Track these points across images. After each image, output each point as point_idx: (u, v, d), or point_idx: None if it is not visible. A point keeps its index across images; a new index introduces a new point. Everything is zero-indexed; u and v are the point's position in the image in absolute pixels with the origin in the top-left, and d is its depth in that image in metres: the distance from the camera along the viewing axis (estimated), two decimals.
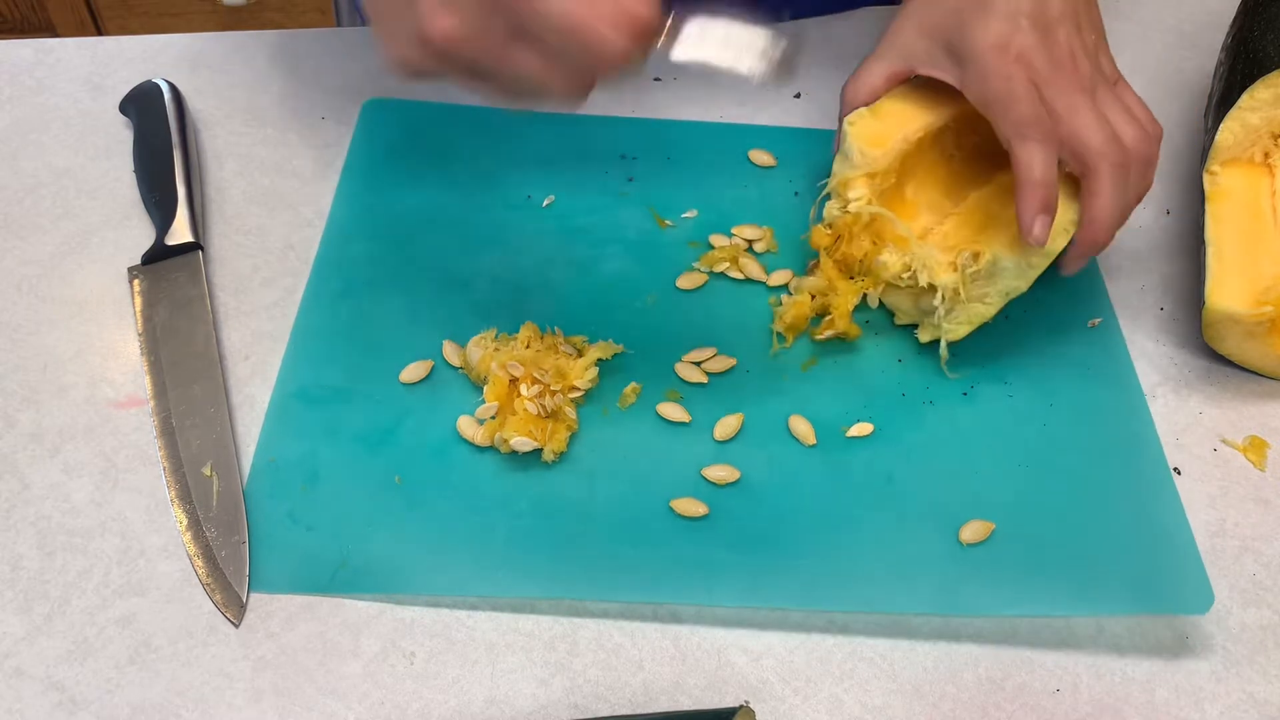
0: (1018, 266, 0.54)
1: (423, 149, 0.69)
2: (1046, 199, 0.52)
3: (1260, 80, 0.61)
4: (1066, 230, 0.54)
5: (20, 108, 0.71)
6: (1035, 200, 0.52)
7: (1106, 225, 0.54)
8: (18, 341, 0.60)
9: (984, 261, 0.55)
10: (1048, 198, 0.52)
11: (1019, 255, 0.54)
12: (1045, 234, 0.53)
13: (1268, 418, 0.58)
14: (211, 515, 0.53)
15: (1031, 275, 0.55)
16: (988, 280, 0.55)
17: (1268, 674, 0.50)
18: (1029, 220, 0.52)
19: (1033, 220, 0.52)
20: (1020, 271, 0.54)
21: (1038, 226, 0.52)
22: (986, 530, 0.52)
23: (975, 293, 0.56)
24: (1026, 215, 0.52)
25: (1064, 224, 0.54)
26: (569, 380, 0.56)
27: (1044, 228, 0.53)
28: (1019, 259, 0.54)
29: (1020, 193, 0.53)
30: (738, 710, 0.45)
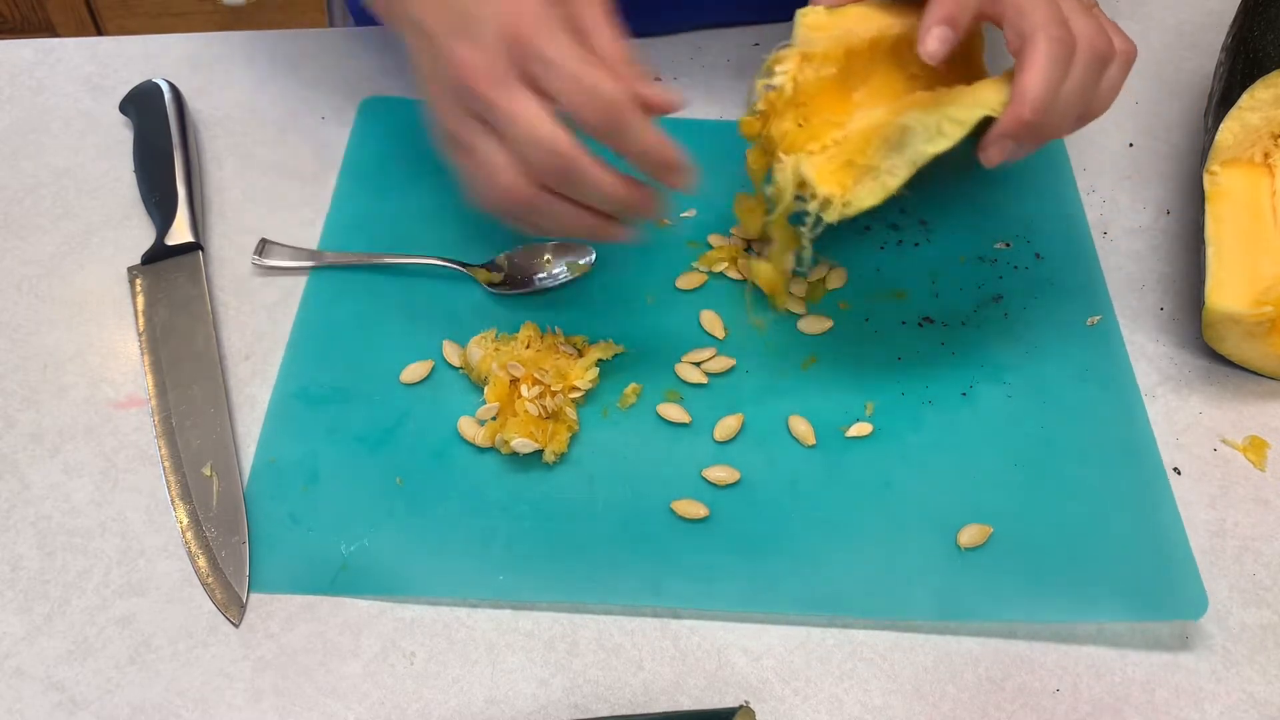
0: (925, 129, 0.50)
1: (422, 147, 0.69)
2: (951, 13, 0.49)
3: (1260, 80, 0.61)
4: (991, 106, 0.49)
5: (20, 108, 0.71)
6: (941, 9, 0.48)
7: (1035, 100, 0.48)
8: (18, 341, 0.60)
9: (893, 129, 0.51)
10: (953, 12, 0.49)
11: (929, 118, 0.50)
12: (941, 49, 0.49)
13: (1268, 418, 0.58)
14: (211, 515, 0.53)
15: (941, 142, 0.50)
16: (896, 150, 0.51)
17: (1268, 674, 0.50)
18: (926, 27, 0.49)
19: (929, 28, 0.49)
20: (928, 136, 0.50)
21: (933, 36, 0.49)
22: (984, 534, 0.52)
23: (884, 165, 0.51)
24: (926, 23, 0.49)
25: (990, 100, 0.49)
26: (569, 381, 0.56)
27: (939, 41, 0.49)
28: (928, 122, 0.50)
29: (930, 2, 0.49)
30: (738, 710, 0.45)
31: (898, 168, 0.51)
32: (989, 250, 0.65)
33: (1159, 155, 0.71)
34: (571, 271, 0.61)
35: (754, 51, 0.75)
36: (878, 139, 0.52)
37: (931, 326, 0.61)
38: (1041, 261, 0.64)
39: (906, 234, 0.65)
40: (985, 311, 0.62)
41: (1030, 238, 0.65)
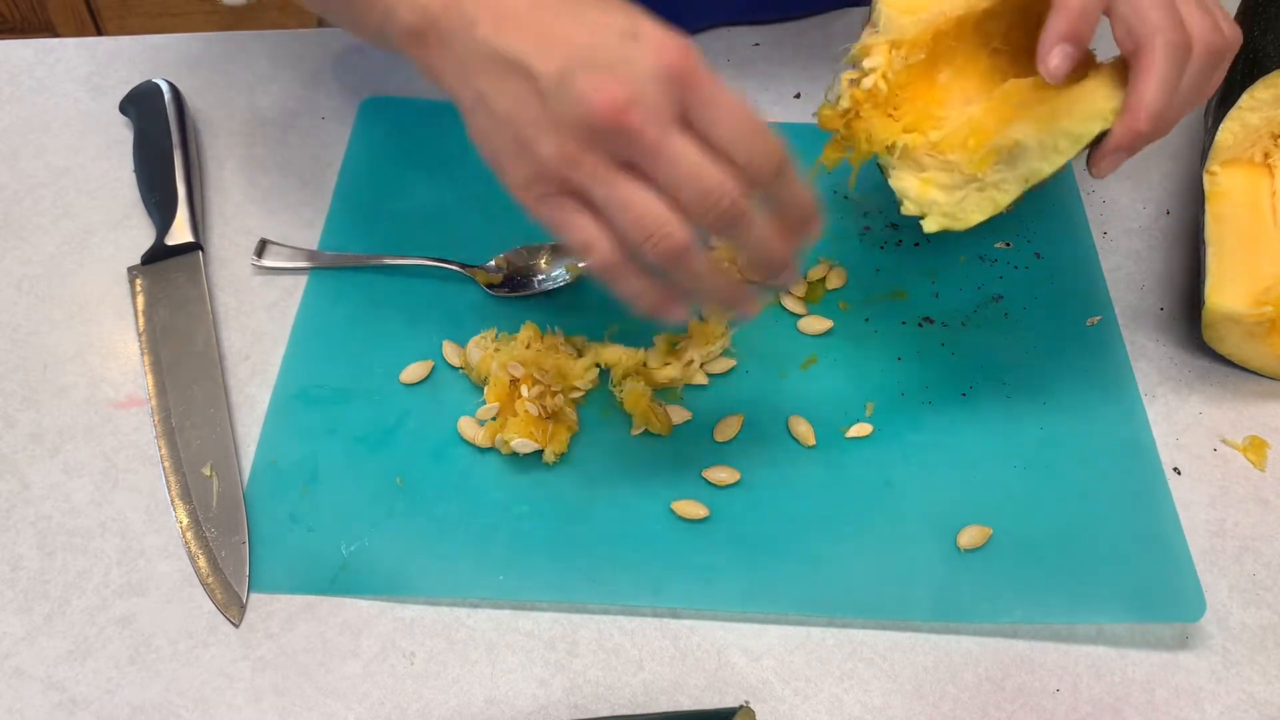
0: (1041, 147, 0.48)
1: (421, 147, 0.69)
2: (1076, 28, 0.45)
3: (1260, 80, 0.61)
4: (1105, 118, 0.47)
5: (20, 108, 0.71)
6: (1064, 24, 0.45)
7: (1151, 113, 0.46)
8: (18, 341, 0.60)
9: (1006, 141, 0.49)
10: (1078, 27, 0.45)
11: (1043, 135, 0.48)
12: (1065, 65, 0.46)
13: (1268, 418, 0.58)
14: (212, 515, 0.53)
15: (1056, 160, 0.48)
16: (1007, 164, 0.50)
17: (1268, 674, 0.50)
18: (1049, 45, 0.46)
19: (1053, 46, 0.45)
20: (1043, 153, 0.48)
21: (1056, 55, 0.46)
22: (984, 536, 0.52)
23: (992, 178, 0.50)
24: (1048, 39, 0.45)
25: (1103, 110, 0.47)
26: (569, 381, 0.56)
27: (1063, 59, 0.46)
28: (1044, 139, 0.48)
29: (1052, 14, 0.46)
30: (738, 710, 0.45)
31: (1008, 184, 0.50)
32: (989, 250, 0.65)
33: (1159, 155, 0.70)
34: (570, 273, 0.61)
35: (754, 51, 0.75)
36: (986, 150, 0.50)
37: (931, 326, 0.61)
38: (1041, 261, 0.64)
39: (906, 234, 0.65)
40: (985, 311, 0.62)
41: (1030, 238, 0.65)
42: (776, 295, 0.61)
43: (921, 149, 0.52)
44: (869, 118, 0.53)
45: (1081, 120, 0.48)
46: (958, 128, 0.52)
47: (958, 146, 0.51)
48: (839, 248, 0.64)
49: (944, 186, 0.52)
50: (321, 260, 0.63)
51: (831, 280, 0.63)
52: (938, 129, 0.52)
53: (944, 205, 0.52)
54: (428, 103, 0.71)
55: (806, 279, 0.63)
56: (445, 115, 0.70)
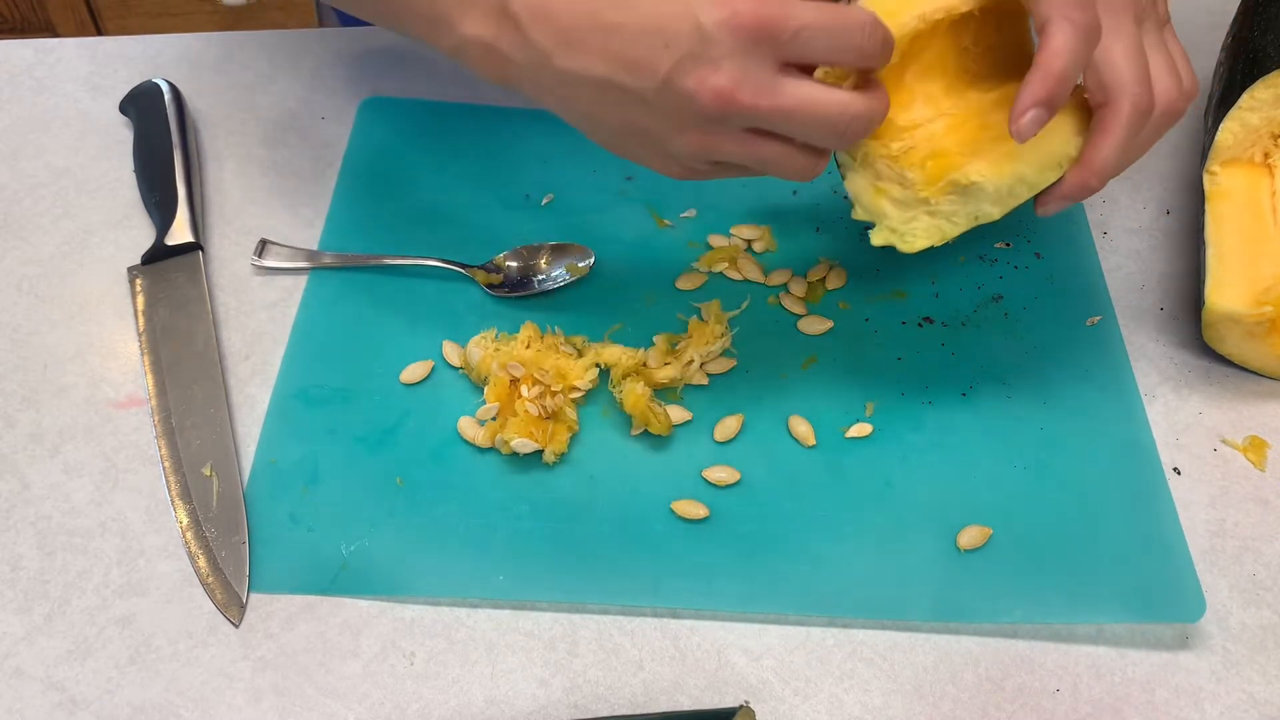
0: (997, 192, 0.49)
1: (421, 147, 0.69)
2: (1054, 95, 0.45)
3: (1260, 80, 0.61)
4: (1060, 165, 0.49)
5: (20, 108, 0.71)
6: (1043, 89, 0.45)
7: (1103, 171, 0.48)
8: (18, 341, 0.60)
9: (964, 178, 0.49)
10: (1056, 94, 0.45)
11: (1001, 180, 0.49)
12: (1033, 130, 0.46)
13: (1268, 418, 0.58)
14: (212, 515, 0.53)
15: (1009, 204, 0.50)
16: (961, 198, 0.50)
17: (1268, 674, 0.50)
18: (1023, 107, 0.46)
19: (1027, 108, 0.46)
20: (998, 198, 0.49)
21: (1027, 119, 0.46)
22: (984, 536, 0.52)
23: (944, 208, 0.50)
24: (1024, 101, 0.46)
25: (1059, 158, 0.49)
26: (569, 381, 0.56)
27: (1034, 123, 0.46)
28: (999, 184, 0.49)
29: (1031, 76, 0.46)
30: (738, 710, 0.45)
31: (958, 218, 0.50)
32: (989, 250, 0.65)
33: (1159, 155, 0.70)
34: (570, 273, 0.61)
35: None
36: (943, 183, 0.50)
37: (931, 326, 0.61)
38: (1041, 261, 0.64)
39: None
40: (985, 311, 0.62)
41: (1030, 238, 0.65)
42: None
43: (881, 157, 0.52)
44: None
45: (1038, 169, 0.49)
46: (919, 144, 0.52)
47: (916, 165, 0.51)
48: (839, 248, 0.64)
49: (896, 201, 0.52)
50: (321, 260, 0.63)
51: (831, 280, 0.63)
52: (899, 139, 0.52)
53: (893, 220, 0.52)
54: (428, 103, 0.71)
55: (806, 279, 0.63)
56: (445, 115, 0.71)
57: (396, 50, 0.75)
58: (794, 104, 0.44)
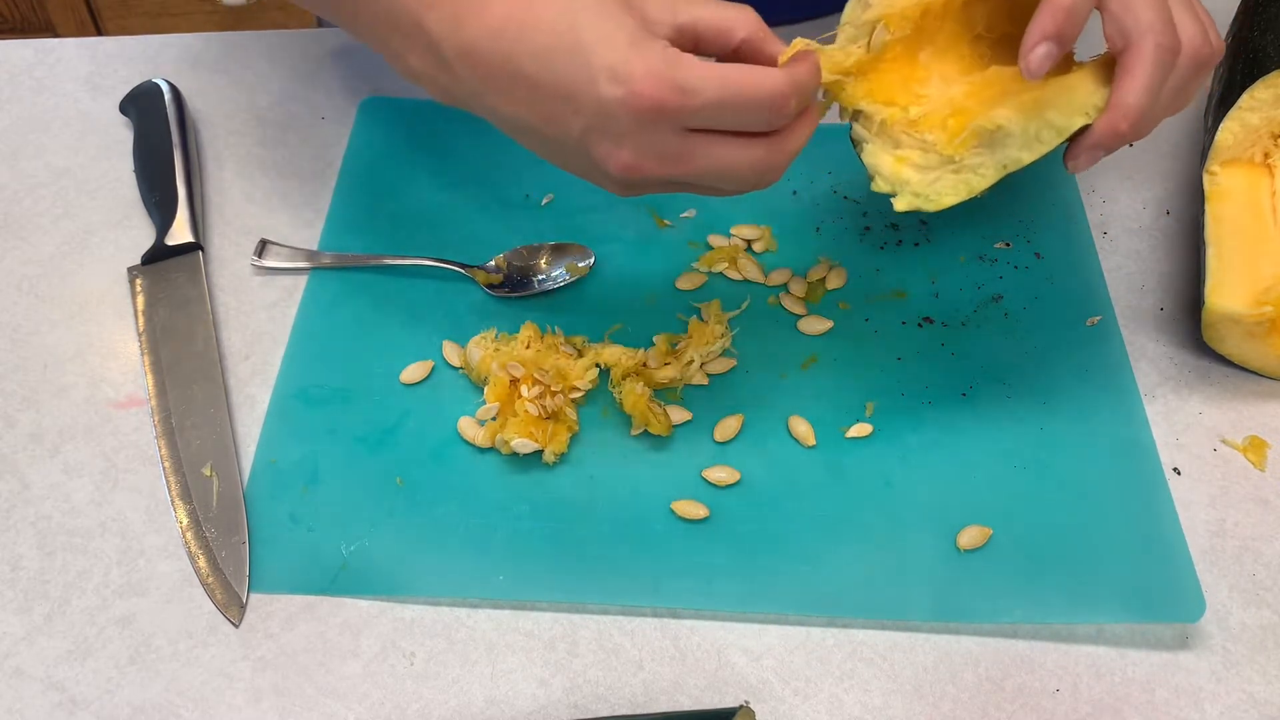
0: (1024, 135, 0.48)
1: (421, 147, 0.69)
2: (1063, 28, 0.44)
3: (1260, 80, 0.61)
4: (1088, 113, 0.47)
5: (20, 108, 0.71)
6: (1052, 22, 0.44)
7: (1134, 114, 0.46)
8: (18, 341, 0.60)
9: (989, 123, 0.49)
10: (1065, 26, 0.44)
11: (1028, 123, 0.48)
12: (1044, 66, 0.45)
13: (1268, 418, 0.58)
14: (212, 515, 0.53)
15: (1038, 149, 0.48)
16: (987, 149, 0.49)
17: (1268, 674, 0.50)
18: (1032, 42, 0.45)
19: (1036, 44, 0.44)
20: (1026, 141, 0.48)
21: (1038, 53, 0.45)
22: (984, 536, 0.52)
23: (970, 161, 0.49)
24: (1034, 34, 0.44)
25: (1087, 104, 0.47)
26: (569, 381, 0.56)
27: (1044, 58, 0.45)
28: (1028, 127, 0.48)
29: (1039, 10, 0.45)
30: (738, 710, 0.45)
31: (985, 168, 0.49)
32: (989, 250, 0.65)
33: (1159, 155, 0.70)
34: (570, 274, 0.61)
35: None
36: (968, 132, 0.49)
37: (931, 326, 0.61)
38: (1041, 261, 0.64)
39: (906, 234, 0.65)
40: (985, 311, 0.62)
41: (1030, 238, 0.65)
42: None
43: (899, 126, 0.51)
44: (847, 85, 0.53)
45: (1066, 113, 0.48)
46: (938, 107, 0.51)
47: (937, 126, 0.51)
48: (839, 248, 0.64)
49: (918, 166, 0.51)
50: (321, 260, 0.63)
51: (831, 280, 0.63)
52: (917, 105, 0.51)
53: (916, 185, 0.51)
54: (428, 103, 0.71)
55: (806, 279, 0.63)
56: (445, 115, 0.70)
57: None
58: (705, 165, 0.45)
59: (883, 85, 0.53)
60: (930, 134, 0.51)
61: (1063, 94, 0.48)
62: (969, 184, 0.50)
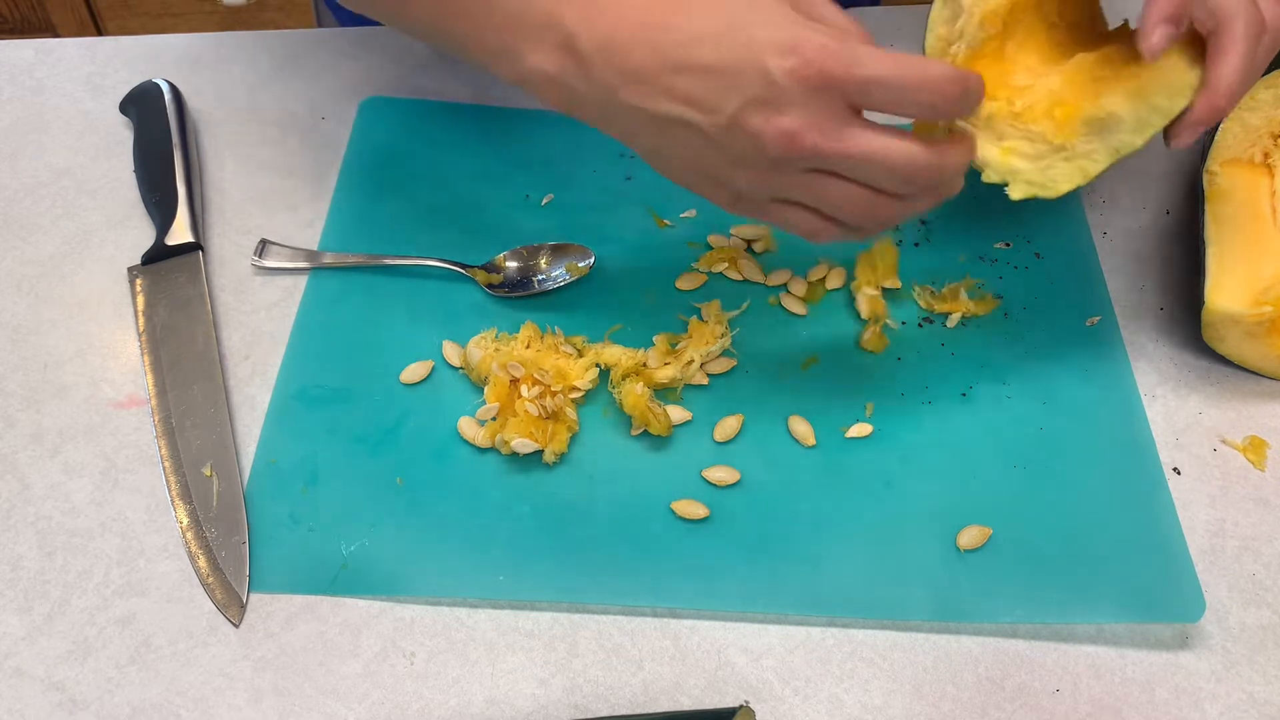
0: (1135, 120, 0.50)
1: (421, 147, 0.69)
2: (1178, 10, 0.47)
3: (1260, 80, 0.61)
4: (1185, 92, 0.50)
5: (20, 108, 0.71)
6: (1169, 5, 0.47)
7: (1230, 91, 0.49)
8: (18, 341, 0.60)
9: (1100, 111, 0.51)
10: (1180, 9, 0.47)
11: (1137, 108, 0.50)
12: (1164, 45, 0.48)
13: (1268, 418, 0.58)
14: (212, 515, 0.53)
15: (1147, 132, 0.50)
16: (1098, 134, 0.51)
17: (1267, 674, 0.50)
18: (1153, 23, 0.47)
19: (1155, 25, 0.47)
20: (1138, 125, 0.50)
21: (1159, 34, 0.47)
22: (984, 536, 0.52)
23: (1082, 148, 0.52)
24: (1152, 17, 0.47)
25: (1183, 84, 0.50)
26: (569, 381, 0.56)
27: (1164, 39, 0.48)
28: (1136, 112, 0.50)
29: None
30: (738, 710, 0.45)
31: (1098, 154, 0.51)
32: (989, 250, 0.65)
33: (1159, 155, 0.71)
34: (570, 274, 0.61)
35: None
36: (1078, 120, 0.51)
37: (931, 326, 0.61)
38: (1041, 261, 0.64)
39: (906, 234, 0.65)
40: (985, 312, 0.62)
41: (1030, 238, 0.65)
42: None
43: (1004, 118, 0.53)
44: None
45: (1169, 95, 0.50)
46: (1040, 98, 0.53)
47: (1042, 116, 0.52)
48: (839, 248, 0.64)
49: (1026, 156, 0.53)
50: (321, 260, 0.63)
51: (831, 280, 0.63)
52: (1020, 97, 0.53)
53: (1028, 173, 0.53)
54: (428, 103, 0.71)
55: (806, 279, 0.63)
56: (445, 115, 0.71)
57: (396, 50, 0.75)
58: (859, 150, 0.45)
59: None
60: (1035, 124, 0.52)
61: (1160, 77, 0.50)
62: (1083, 170, 0.52)
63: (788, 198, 0.48)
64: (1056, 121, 0.52)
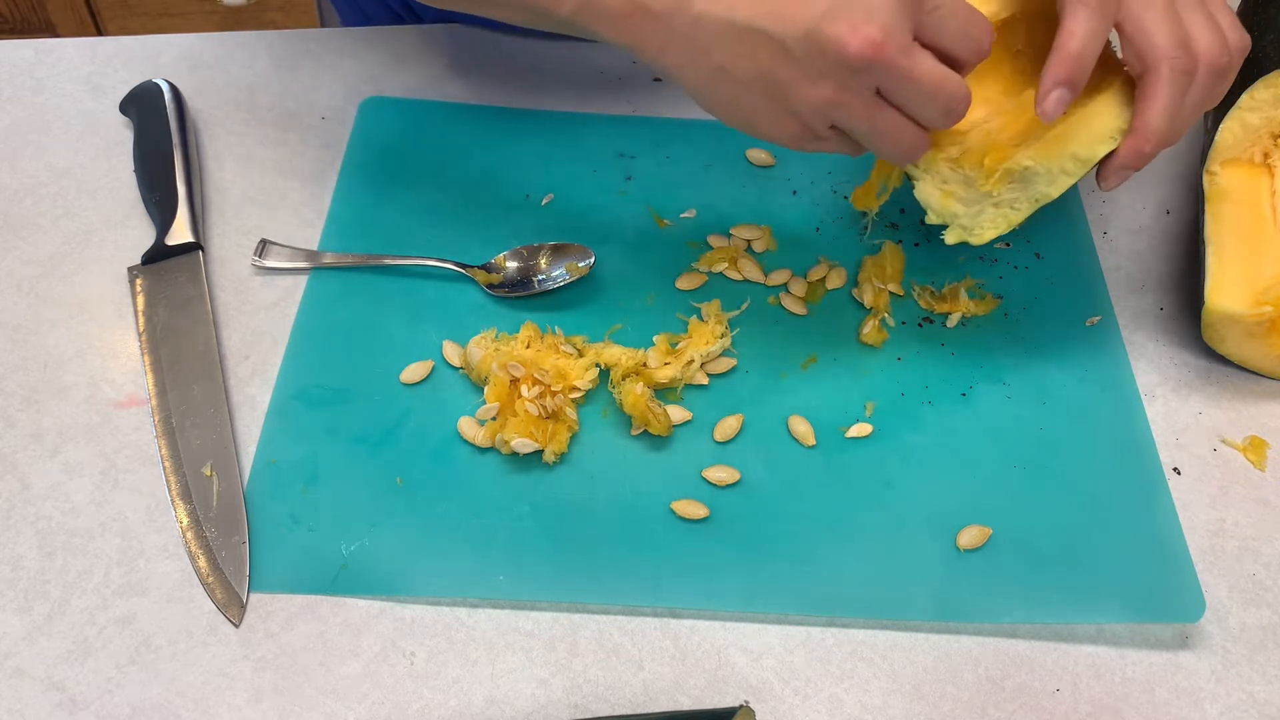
0: (1048, 173, 0.52)
1: (421, 147, 0.69)
2: (1073, 73, 0.48)
3: (1260, 80, 0.61)
4: (1111, 138, 0.51)
5: (20, 108, 0.71)
6: (1061, 70, 0.48)
7: (1156, 135, 0.49)
8: (18, 341, 0.60)
9: (1015, 165, 0.52)
10: (1075, 72, 0.48)
11: (1050, 161, 0.51)
12: (1058, 110, 0.48)
13: (1268, 418, 0.58)
14: (212, 515, 0.53)
15: (1064, 182, 0.52)
16: (1020, 185, 0.53)
17: (1267, 674, 0.50)
18: (1045, 89, 0.48)
19: (1049, 90, 0.48)
20: (1051, 177, 0.52)
21: (1051, 100, 0.48)
22: (984, 536, 0.52)
23: (1006, 196, 0.53)
24: (1046, 83, 0.48)
25: (1109, 130, 0.51)
26: (569, 381, 0.56)
27: (1058, 103, 0.48)
28: (1050, 165, 0.51)
29: (1050, 59, 0.48)
30: (738, 710, 0.45)
31: (1020, 203, 0.53)
32: (989, 250, 0.65)
33: (1159, 156, 0.70)
34: (570, 274, 0.61)
35: None
36: (1000, 172, 0.53)
37: (931, 326, 0.61)
38: (1041, 261, 0.64)
39: (906, 234, 0.65)
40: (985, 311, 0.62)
41: (1030, 237, 0.65)
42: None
43: (945, 162, 0.54)
44: None
45: (1088, 145, 0.51)
46: (977, 144, 0.54)
47: (975, 163, 0.53)
48: (839, 248, 0.64)
49: (963, 200, 0.54)
50: (321, 260, 0.63)
51: (831, 280, 0.63)
52: (956, 144, 0.54)
53: (962, 218, 0.54)
54: (428, 103, 0.71)
55: (806, 279, 0.63)
56: (445, 115, 0.71)
57: (396, 50, 0.75)
58: (924, 71, 0.46)
59: None
60: (970, 170, 0.54)
61: (1085, 125, 0.51)
62: (1007, 218, 0.54)
63: (844, 123, 0.48)
64: (986, 169, 0.53)
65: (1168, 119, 0.49)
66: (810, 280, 0.63)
